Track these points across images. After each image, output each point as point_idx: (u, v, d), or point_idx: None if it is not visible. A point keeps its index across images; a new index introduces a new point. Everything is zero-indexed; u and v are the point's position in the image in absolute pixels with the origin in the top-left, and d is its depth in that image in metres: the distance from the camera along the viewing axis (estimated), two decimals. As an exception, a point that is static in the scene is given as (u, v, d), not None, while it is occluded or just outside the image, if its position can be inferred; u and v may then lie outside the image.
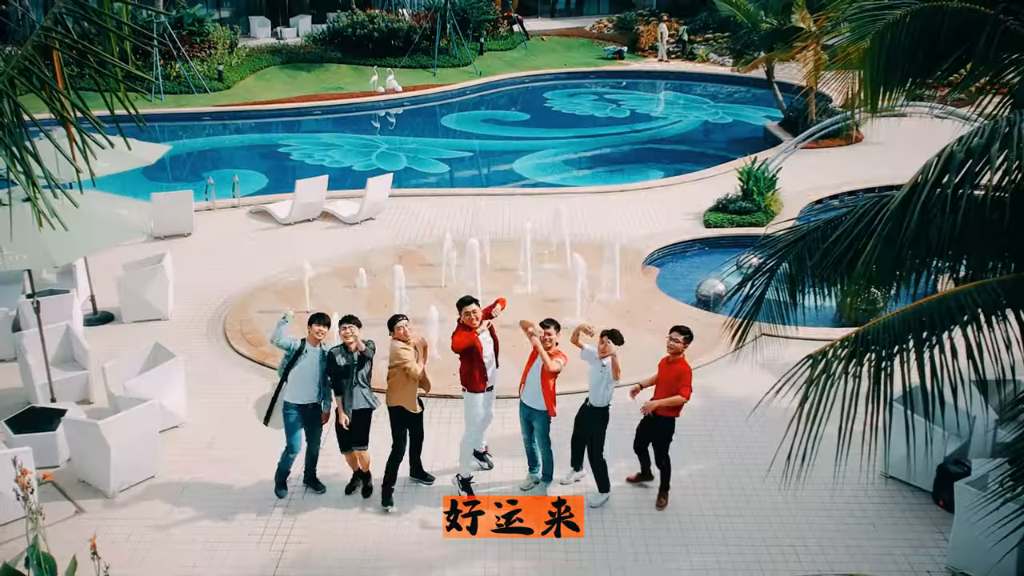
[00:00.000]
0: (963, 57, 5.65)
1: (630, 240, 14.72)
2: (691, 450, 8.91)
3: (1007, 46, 5.34)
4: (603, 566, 7.32)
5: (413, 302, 11.73)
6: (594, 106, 28.58)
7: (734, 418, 9.47)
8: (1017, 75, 5.42)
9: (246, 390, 10.10)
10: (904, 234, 4.52)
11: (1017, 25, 5.26)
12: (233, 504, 8.14)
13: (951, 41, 5.50)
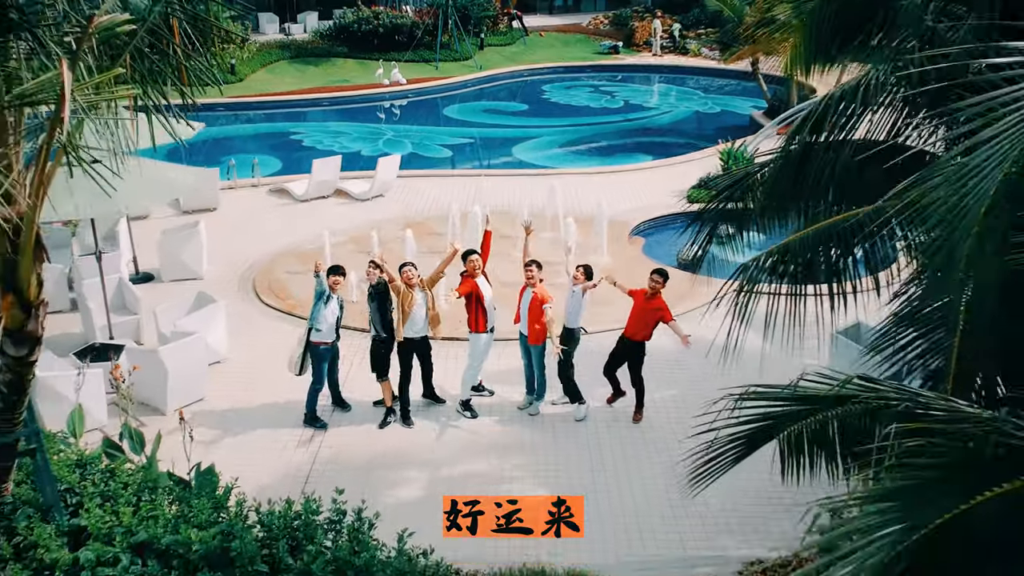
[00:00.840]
0: (872, 31, 7.03)
1: (618, 214, 16.12)
2: (661, 380, 10.29)
3: (903, 21, 6.70)
4: (587, 464, 8.71)
5: (422, 264, 13.10)
6: (590, 97, 29.98)
7: (696, 355, 10.87)
8: (912, 44, 6.79)
9: (278, 333, 11.50)
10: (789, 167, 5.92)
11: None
12: (273, 420, 9.55)
13: (861, 17, 6.88)
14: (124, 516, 5.84)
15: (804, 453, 4.80)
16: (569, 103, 29.16)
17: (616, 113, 27.41)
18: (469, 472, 8.71)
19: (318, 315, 9.34)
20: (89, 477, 6.31)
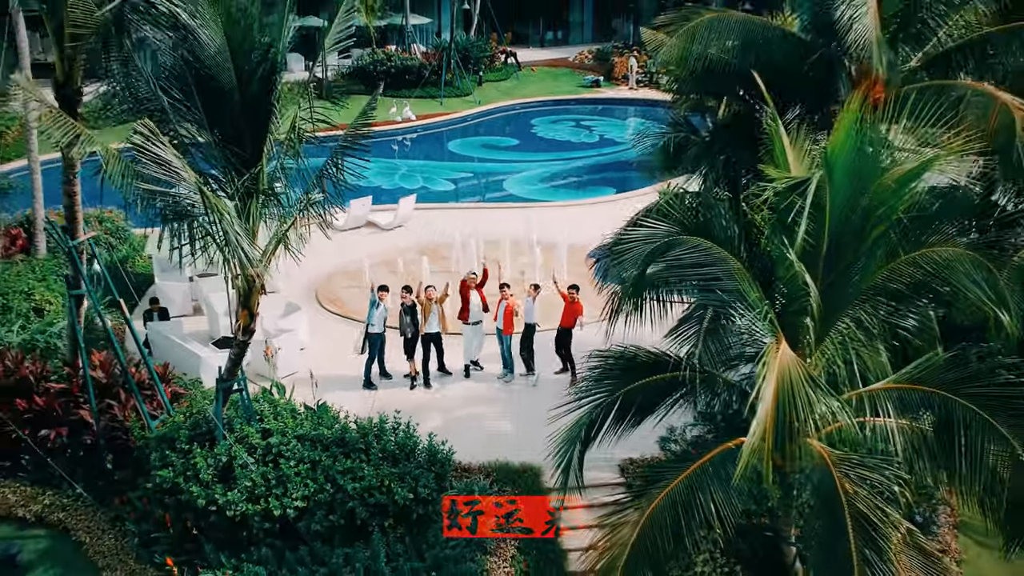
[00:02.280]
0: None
1: (581, 240, 21.59)
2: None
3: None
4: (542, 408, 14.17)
5: (435, 281, 18.64)
6: (571, 132, 35.51)
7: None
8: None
9: (338, 329, 17.03)
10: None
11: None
12: (343, 384, 15.07)
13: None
14: (288, 422, 11.43)
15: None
16: (553, 137, 34.70)
17: (592, 148, 32.95)
18: (466, 414, 14.24)
19: (372, 316, 14.89)
20: (264, 406, 11.89)
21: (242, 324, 10.61)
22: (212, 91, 9.18)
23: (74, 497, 12.20)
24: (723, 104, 11.87)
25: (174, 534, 10.99)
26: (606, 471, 12.31)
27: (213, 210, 8.64)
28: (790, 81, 10.63)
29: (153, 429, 11.93)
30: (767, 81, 9.78)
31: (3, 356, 13.31)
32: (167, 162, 8.15)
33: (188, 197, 8.67)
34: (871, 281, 8.09)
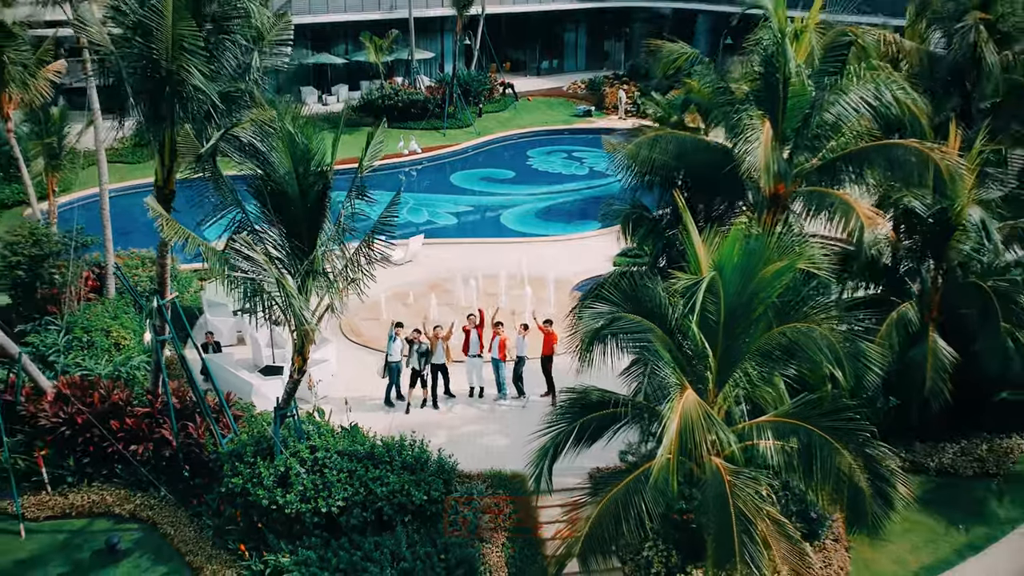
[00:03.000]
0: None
1: (567, 274, 24.94)
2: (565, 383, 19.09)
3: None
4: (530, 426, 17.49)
5: (441, 314, 21.99)
6: (563, 164, 38.86)
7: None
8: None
9: (361, 357, 20.35)
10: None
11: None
12: (367, 404, 18.39)
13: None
14: (329, 440, 14.77)
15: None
16: (547, 170, 38.04)
17: (581, 180, 36.30)
18: (467, 431, 17.56)
19: (390, 348, 18.22)
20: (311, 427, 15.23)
21: (297, 366, 13.91)
22: (280, 199, 12.49)
23: (159, 498, 15.53)
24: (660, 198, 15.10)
25: (243, 527, 14.31)
26: (578, 477, 15.60)
27: (283, 291, 11.96)
28: (712, 179, 13.93)
29: (223, 445, 15.26)
30: (696, 178, 13.09)
31: (97, 386, 16.65)
32: (254, 260, 11.46)
33: (266, 280, 11.97)
34: (756, 345, 11.37)
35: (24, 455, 15.96)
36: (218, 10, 12.34)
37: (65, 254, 19.65)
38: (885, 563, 14.68)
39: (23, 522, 15.38)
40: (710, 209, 14.74)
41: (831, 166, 13.70)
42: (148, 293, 20.96)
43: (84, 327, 18.60)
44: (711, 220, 14.87)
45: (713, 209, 14.65)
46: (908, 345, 15.08)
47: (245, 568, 13.82)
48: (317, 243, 12.70)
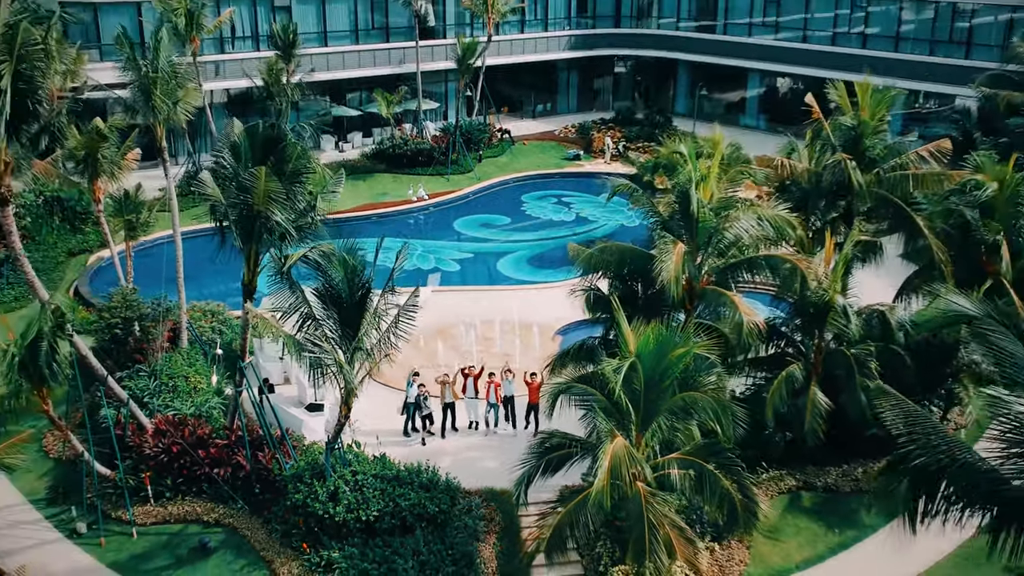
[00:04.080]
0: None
1: (550, 320, 30.14)
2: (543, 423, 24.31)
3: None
4: (517, 453, 22.67)
5: (446, 354, 27.20)
6: (553, 209, 44.08)
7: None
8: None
9: (382, 395, 25.55)
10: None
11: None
12: (389, 434, 23.60)
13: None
14: (366, 466, 20.01)
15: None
16: (539, 215, 43.26)
17: (568, 226, 41.50)
18: (467, 456, 22.79)
19: (409, 391, 23.46)
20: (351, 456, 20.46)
21: (344, 413, 19.11)
22: (335, 298, 17.71)
23: (237, 509, 20.75)
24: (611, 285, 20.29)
25: (304, 531, 19.51)
26: (552, 493, 20.72)
27: (339, 365, 17.19)
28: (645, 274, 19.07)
29: (287, 469, 20.47)
30: (633, 272, 18.30)
31: (186, 422, 21.89)
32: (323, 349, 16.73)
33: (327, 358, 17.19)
34: (666, 406, 16.52)
35: (132, 476, 21.19)
36: (292, 169, 17.56)
37: (151, 315, 24.90)
38: (776, 558, 19.88)
39: (135, 526, 20.61)
40: (646, 293, 19.91)
41: (733, 268, 18.92)
42: (209, 342, 26.28)
43: (168, 374, 23.84)
44: (647, 299, 20.08)
45: (648, 291, 19.82)
46: (795, 395, 20.29)
47: (306, 561, 19.04)
48: (360, 328, 17.88)
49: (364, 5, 50.27)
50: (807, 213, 22.02)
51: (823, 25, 51.26)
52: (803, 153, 22.75)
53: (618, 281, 19.97)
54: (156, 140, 24.26)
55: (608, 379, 16.71)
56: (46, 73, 17.17)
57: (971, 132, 34.74)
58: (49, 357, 18.89)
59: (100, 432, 21.86)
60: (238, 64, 46.12)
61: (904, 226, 21.39)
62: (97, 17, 43.18)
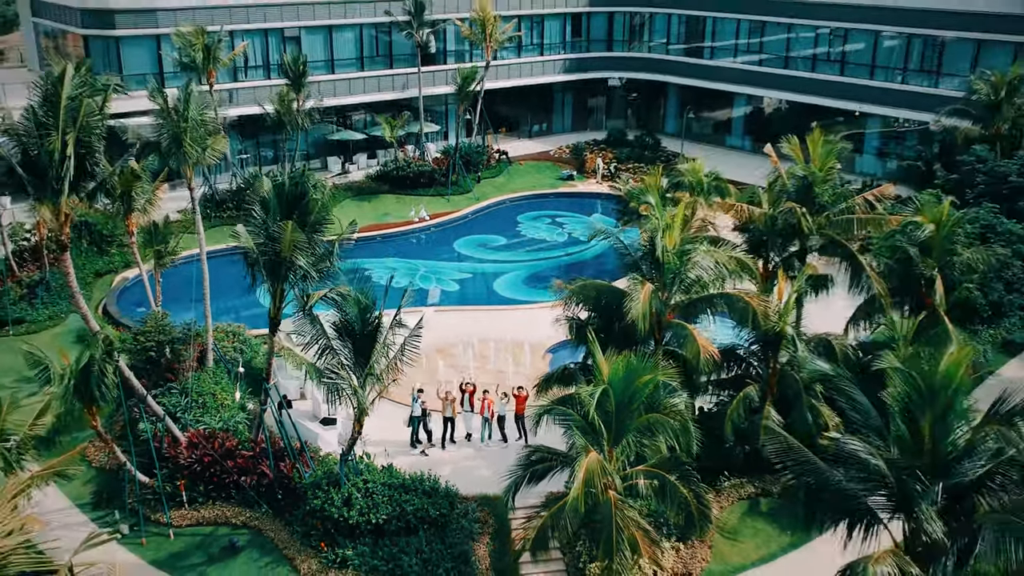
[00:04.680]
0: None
1: (541, 339, 32.95)
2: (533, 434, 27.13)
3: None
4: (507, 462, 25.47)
5: (445, 371, 30.02)
6: (547, 230, 46.91)
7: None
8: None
9: (388, 410, 28.36)
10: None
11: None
12: (396, 445, 26.42)
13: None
14: (376, 475, 22.86)
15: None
16: (533, 236, 46.09)
17: (561, 247, 44.34)
18: (464, 465, 25.61)
19: (414, 406, 26.28)
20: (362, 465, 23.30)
21: (356, 429, 21.92)
22: (349, 331, 20.53)
23: (262, 513, 23.56)
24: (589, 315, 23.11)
25: (321, 532, 22.33)
26: (539, 498, 23.51)
27: (353, 389, 20.03)
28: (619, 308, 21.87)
29: (306, 478, 23.30)
30: (609, 306, 21.15)
31: (215, 436, 24.72)
32: (340, 375, 19.52)
33: (344, 384, 20.02)
34: (634, 426, 19.31)
35: (169, 483, 24.02)
36: (313, 221, 20.44)
37: (182, 338, 27.76)
38: (735, 556, 22.70)
39: (172, 528, 23.43)
40: (620, 324, 22.71)
41: (695, 304, 21.76)
42: (232, 361, 29.11)
43: (197, 391, 26.67)
44: (622, 329, 22.87)
45: (622, 322, 22.61)
46: (752, 412, 23.11)
47: (323, 558, 21.86)
48: (371, 357, 20.72)
49: (369, 34, 53.09)
50: (767, 251, 24.84)
51: (804, 51, 54.07)
52: (763, 197, 25.57)
53: (596, 313, 22.78)
54: (186, 180, 27.11)
55: (584, 402, 19.56)
56: (101, 139, 19.97)
57: (932, 163, 37.55)
58: (99, 380, 21.71)
59: (139, 444, 24.70)
60: (251, 92, 49.00)
61: (850, 263, 24.21)
62: (119, 48, 46.10)
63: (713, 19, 57.90)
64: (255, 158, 51.69)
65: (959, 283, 24.93)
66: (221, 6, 47.41)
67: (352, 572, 21.32)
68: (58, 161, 19.44)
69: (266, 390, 23.18)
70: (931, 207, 24.63)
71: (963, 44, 46.89)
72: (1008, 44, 44.79)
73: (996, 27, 44.92)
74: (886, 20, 49.13)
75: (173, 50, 43.87)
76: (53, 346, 33.29)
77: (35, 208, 20.07)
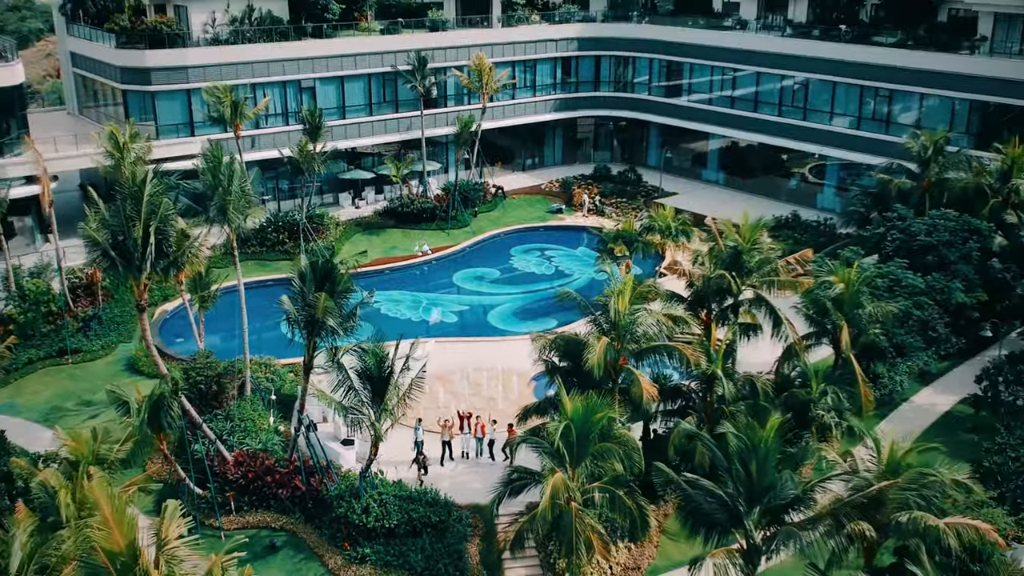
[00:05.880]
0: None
1: (527, 368, 38.42)
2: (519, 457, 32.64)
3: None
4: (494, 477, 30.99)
5: (445, 402, 35.56)
6: (536, 263, 52.44)
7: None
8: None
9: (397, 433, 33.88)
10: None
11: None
12: (403, 464, 31.96)
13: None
14: (388, 488, 28.45)
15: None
16: (524, 269, 51.62)
17: (548, 280, 49.86)
18: (459, 479, 31.14)
19: (417, 431, 31.82)
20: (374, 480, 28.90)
21: (373, 452, 27.44)
22: (368, 375, 26.10)
23: (296, 519, 29.12)
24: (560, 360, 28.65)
25: (345, 534, 27.88)
26: (521, 507, 28.98)
27: (370, 422, 25.60)
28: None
29: (332, 491, 28.84)
30: (575, 354, 26.75)
31: (257, 455, 30.29)
32: (361, 410, 25.11)
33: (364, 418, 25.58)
34: (591, 451, 24.80)
35: (220, 494, 29.57)
36: (341, 289, 26.04)
37: (226, 372, 33.36)
38: (676, 553, 28.18)
39: (223, 531, 28.97)
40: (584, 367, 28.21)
41: (642, 353, 27.29)
42: (266, 390, 34.68)
43: (239, 417, 32.27)
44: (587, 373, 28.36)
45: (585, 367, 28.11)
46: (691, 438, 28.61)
47: (347, 555, 27.40)
48: (385, 396, 26.27)
49: (377, 82, 58.63)
50: (708, 304, 30.38)
51: (771, 98, 59.53)
52: (707, 259, 31.11)
53: (566, 359, 28.32)
54: (229, 242, 32.69)
55: (551, 434, 25.11)
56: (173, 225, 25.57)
57: (869, 211, 43.07)
58: (167, 413, 27.27)
59: (195, 463, 30.28)
60: (271, 137, 54.60)
61: (771, 315, 29.77)
62: (155, 102, 51.70)
63: (690, 65, 63.40)
64: (274, 194, 57.21)
65: (866, 330, 30.41)
66: (244, 62, 52.99)
67: (370, 567, 26.87)
68: (140, 246, 25.01)
69: (299, 420, 28.76)
70: (842, 269, 30.17)
71: (910, 97, 52.40)
72: (947, 99, 50.32)
73: (936, 83, 50.42)
74: (843, 72, 54.59)
75: (203, 105, 49.46)
76: (106, 373, 39.18)
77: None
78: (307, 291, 25.94)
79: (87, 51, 55.96)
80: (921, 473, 19.88)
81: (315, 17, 56.96)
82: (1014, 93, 47.27)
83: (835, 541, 20.20)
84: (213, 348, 36.95)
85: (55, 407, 36.42)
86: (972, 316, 37.26)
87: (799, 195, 59.82)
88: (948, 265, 35.62)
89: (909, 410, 34.83)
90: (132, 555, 16.01)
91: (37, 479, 21.67)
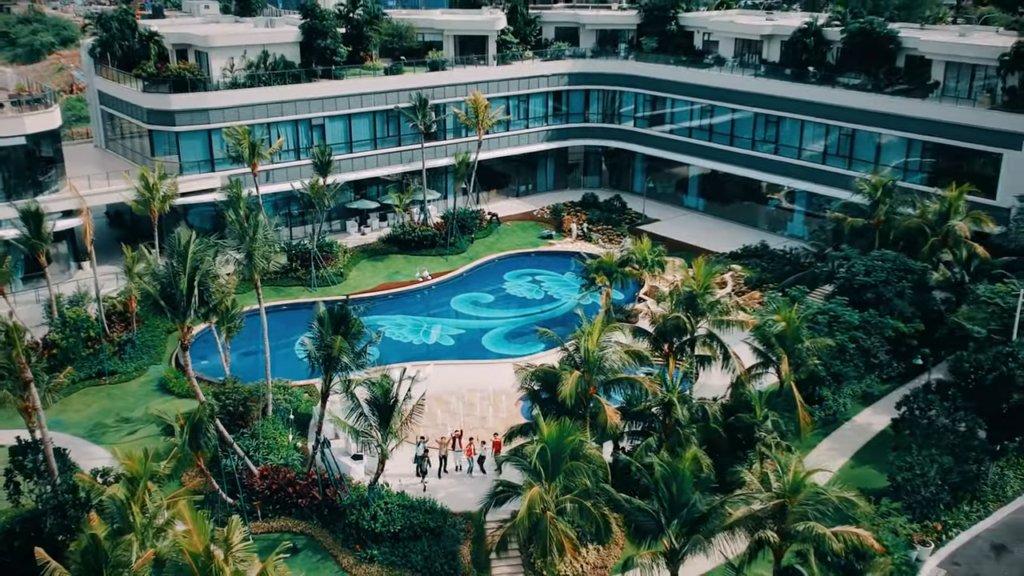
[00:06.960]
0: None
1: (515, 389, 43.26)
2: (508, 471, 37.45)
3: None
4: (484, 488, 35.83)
5: (443, 420, 40.39)
6: (527, 288, 57.27)
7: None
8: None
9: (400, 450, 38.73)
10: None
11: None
12: (405, 476, 36.81)
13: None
14: (393, 498, 33.33)
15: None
16: (515, 294, 56.43)
17: (538, 304, 54.68)
18: (454, 490, 35.96)
19: (417, 448, 36.67)
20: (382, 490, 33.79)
21: (380, 467, 32.28)
22: (376, 403, 30.94)
23: (314, 524, 33.96)
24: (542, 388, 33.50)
25: (356, 538, 32.72)
26: (507, 514, 33.76)
27: (378, 442, 30.44)
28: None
29: (345, 500, 33.69)
30: (553, 385, 31.67)
31: (280, 470, 35.15)
32: (370, 433, 29.92)
33: (373, 440, 30.39)
34: (563, 468, 29.59)
35: (248, 503, 34.42)
36: (354, 331, 30.88)
37: (252, 395, 38.22)
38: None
39: (250, 534, 33.76)
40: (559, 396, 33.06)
41: (609, 383, 32.13)
42: (285, 409, 39.54)
43: (263, 435, 37.14)
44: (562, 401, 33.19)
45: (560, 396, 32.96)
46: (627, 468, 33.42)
47: (358, 556, 32.24)
48: (391, 421, 31.11)
49: (381, 119, 63.49)
50: (669, 339, 35.23)
51: (745, 132, 64.36)
52: (668, 299, 35.99)
53: (545, 389, 33.18)
54: (253, 284, 37.54)
55: (530, 455, 29.94)
56: (213, 279, 30.46)
57: (824, 246, 47.92)
58: (204, 435, 32.12)
59: (226, 476, 35.14)
60: (284, 171, 59.47)
61: (721, 350, 34.64)
62: (178, 141, 56.56)
63: (671, 99, 68.25)
64: (287, 220, 61.99)
65: (805, 361, 35.25)
66: (260, 103, 57.87)
67: (378, 566, 31.72)
68: (185, 296, 29.88)
69: (317, 439, 33.63)
70: (784, 309, 35.03)
71: (868, 136, 57.22)
72: (903, 139, 55.15)
73: (893, 124, 55.27)
74: (811, 112, 59.43)
75: (223, 144, 54.37)
76: (140, 393, 44.07)
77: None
78: (325, 334, 30.80)
79: (114, 91, 60.82)
80: (816, 491, 24.70)
81: (324, 60, 61.84)
82: (961, 136, 52.07)
83: (748, 545, 25.08)
84: (233, 365, 41.82)
85: (97, 423, 41.27)
86: (911, 344, 42.06)
87: (774, 221, 64.63)
88: (886, 301, 40.43)
89: (850, 429, 39.63)
90: (208, 555, 20.81)
91: (107, 493, 26.50)
